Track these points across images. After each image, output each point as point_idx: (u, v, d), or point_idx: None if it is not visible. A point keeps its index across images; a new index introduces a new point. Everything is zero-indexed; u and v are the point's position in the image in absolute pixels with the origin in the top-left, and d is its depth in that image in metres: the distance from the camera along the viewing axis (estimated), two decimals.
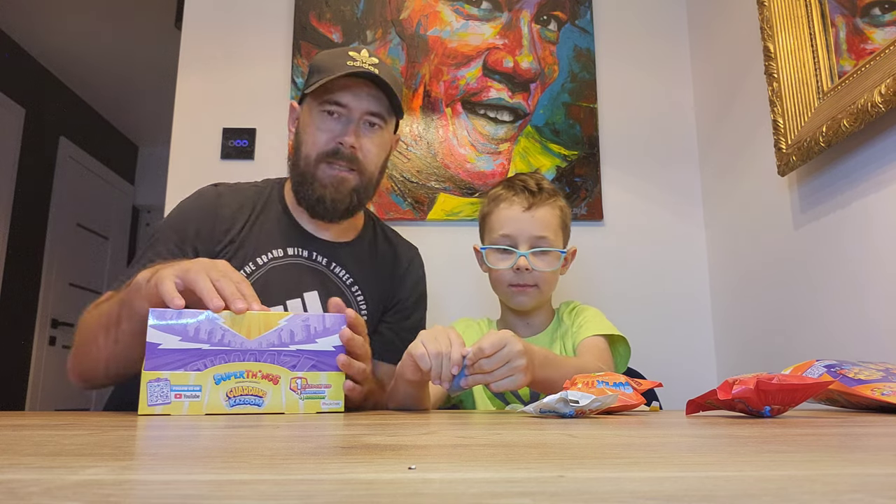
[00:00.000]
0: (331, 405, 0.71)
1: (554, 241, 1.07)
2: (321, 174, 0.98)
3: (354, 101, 0.97)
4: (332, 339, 0.72)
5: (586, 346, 1.05)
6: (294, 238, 1.02)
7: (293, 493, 0.21)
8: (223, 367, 0.67)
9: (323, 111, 0.98)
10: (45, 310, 3.39)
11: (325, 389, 0.70)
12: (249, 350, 0.68)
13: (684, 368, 1.58)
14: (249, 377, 0.68)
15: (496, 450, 0.34)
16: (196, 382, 0.66)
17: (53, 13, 2.98)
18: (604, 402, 0.63)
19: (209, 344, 0.67)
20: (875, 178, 1.03)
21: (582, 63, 1.72)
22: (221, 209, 1.00)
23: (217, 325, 0.68)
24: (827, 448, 0.34)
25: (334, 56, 0.98)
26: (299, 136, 1.01)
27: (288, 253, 1.00)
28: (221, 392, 0.67)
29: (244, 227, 1.00)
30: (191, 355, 0.66)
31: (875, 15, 1.03)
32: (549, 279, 1.08)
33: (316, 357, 0.70)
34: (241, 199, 1.03)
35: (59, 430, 0.45)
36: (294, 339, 0.70)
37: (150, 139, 4.35)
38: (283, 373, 0.69)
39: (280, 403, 0.68)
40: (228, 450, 0.33)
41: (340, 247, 1.05)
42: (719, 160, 1.60)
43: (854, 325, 1.08)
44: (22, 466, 0.26)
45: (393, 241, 1.15)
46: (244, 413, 0.66)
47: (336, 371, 0.71)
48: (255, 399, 0.68)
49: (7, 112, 3.13)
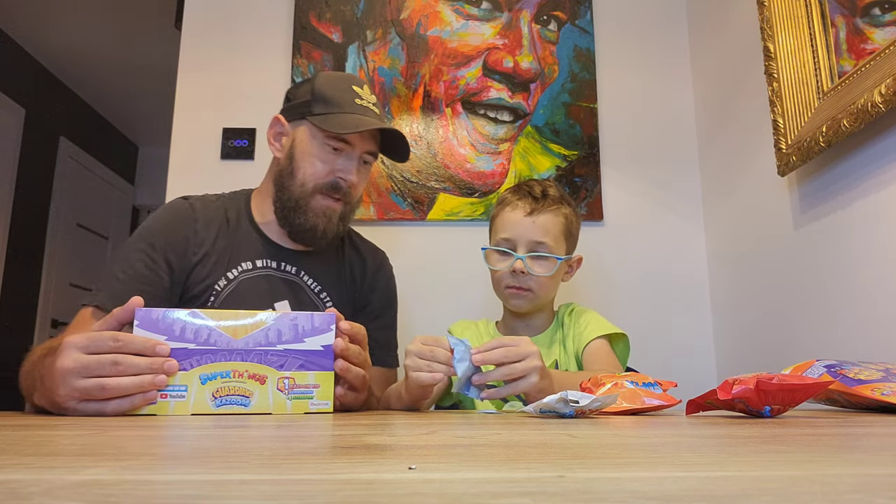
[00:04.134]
0: (319, 406, 0.69)
1: (553, 248, 1.07)
2: (315, 204, 0.99)
3: (359, 142, 1.00)
4: (321, 339, 0.70)
5: (592, 353, 1.06)
6: (263, 250, 1.03)
7: (293, 493, 0.21)
8: (209, 366, 0.66)
9: (325, 143, 0.99)
10: (45, 310, 3.39)
11: (314, 389, 0.69)
12: (236, 349, 0.67)
13: (684, 368, 1.58)
14: (236, 377, 0.67)
15: (496, 450, 0.34)
16: (182, 382, 0.65)
17: (53, 13, 2.98)
18: (604, 403, 0.63)
19: (195, 343, 0.66)
20: (875, 178, 1.03)
21: (582, 63, 1.72)
22: (195, 223, 1.00)
23: (203, 324, 0.67)
24: (827, 448, 0.34)
25: (340, 88, 1.00)
26: (296, 162, 1.00)
27: (257, 265, 1.01)
28: (207, 392, 0.66)
29: (216, 240, 1.00)
30: (176, 355, 0.65)
31: (875, 15, 1.03)
32: (545, 284, 1.08)
33: (304, 357, 0.69)
34: (211, 212, 1.02)
35: (59, 430, 0.45)
36: (281, 338, 0.69)
37: (150, 139, 4.35)
38: (271, 372, 0.68)
39: (267, 404, 0.67)
40: (228, 450, 0.33)
41: (308, 256, 1.06)
42: (719, 160, 1.60)
43: (854, 325, 1.08)
44: (22, 466, 0.26)
45: (359, 247, 1.16)
46: (230, 413, 0.65)
47: (325, 371, 0.70)
48: (242, 399, 0.67)
49: (7, 112, 3.13)
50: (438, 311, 1.58)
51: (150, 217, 1.01)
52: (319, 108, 0.98)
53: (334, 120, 0.96)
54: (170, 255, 0.95)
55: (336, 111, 0.97)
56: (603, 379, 0.77)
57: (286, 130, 1.03)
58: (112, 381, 0.62)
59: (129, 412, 0.63)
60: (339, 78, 1.03)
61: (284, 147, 1.02)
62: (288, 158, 1.01)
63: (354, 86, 1.01)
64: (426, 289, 1.61)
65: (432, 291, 1.61)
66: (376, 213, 1.62)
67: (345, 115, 0.97)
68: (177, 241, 0.96)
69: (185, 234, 0.98)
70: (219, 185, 1.17)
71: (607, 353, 1.07)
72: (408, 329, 1.50)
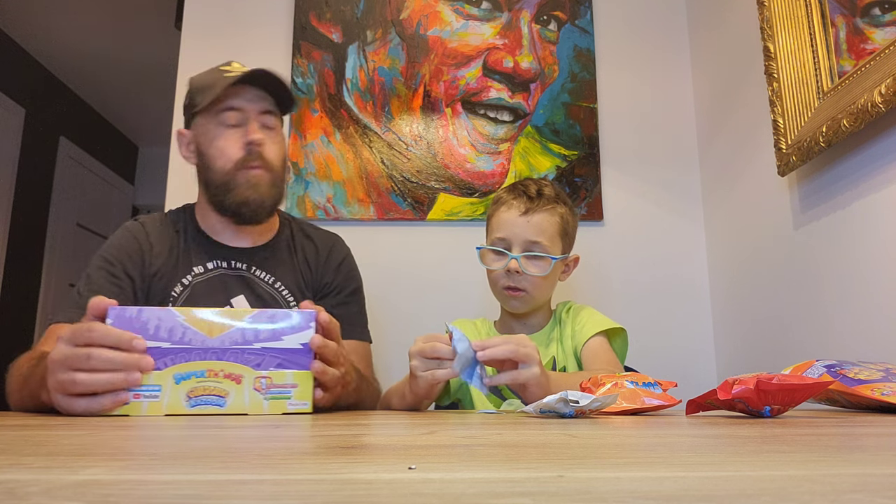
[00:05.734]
0: (297, 406, 0.67)
1: (549, 248, 1.07)
2: (240, 178, 1.01)
3: (246, 103, 1.02)
4: (300, 337, 0.68)
5: (591, 351, 1.06)
6: (212, 253, 1.06)
7: (293, 493, 0.21)
8: (184, 366, 0.65)
9: (220, 123, 1.01)
10: (45, 310, 3.39)
11: (292, 389, 0.67)
12: (211, 348, 0.65)
13: (684, 368, 1.58)
14: (211, 376, 0.65)
15: (496, 450, 0.34)
16: (156, 382, 0.63)
17: (53, 13, 2.98)
18: (604, 403, 0.63)
19: (170, 342, 0.65)
20: (875, 178, 1.03)
21: (582, 63, 1.72)
22: (148, 237, 1.04)
23: (178, 322, 0.65)
24: (827, 448, 0.34)
25: (209, 75, 1.04)
26: (206, 154, 1.03)
27: (209, 268, 1.05)
28: (182, 392, 0.64)
29: (169, 251, 1.04)
30: (151, 354, 0.64)
31: (875, 15, 1.03)
32: (540, 284, 1.08)
33: (282, 355, 0.67)
34: (161, 228, 1.07)
35: (58, 430, 0.45)
36: (259, 336, 0.67)
37: (150, 139, 4.35)
38: (247, 372, 0.66)
39: (243, 404, 0.65)
40: (228, 450, 0.33)
41: (258, 251, 1.09)
42: (719, 160, 1.60)
43: (854, 325, 1.08)
44: (22, 466, 0.26)
45: (310, 234, 1.17)
46: (205, 414, 0.64)
47: (304, 370, 0.68)
48: (217, 399, 0.65)
49: (7, 112, 3.13)
50: (438, 311, 1.58)
51: (107, 240, 1.06)
52: (198, 98, 1.02)
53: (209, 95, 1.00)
54: (129, 269, 1.00)
55: (209, 91, 1.00)
56: (603, 379, 0.77)
57: (189, 137, 1.07)
58: (81, 377, 0.61)
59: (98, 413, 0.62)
60: (208, 70, 1.07)
61: (194, 151, 1.06)
62: (200, 156, 1.05)
63: (221, 66, 1.05)
64: (426, 289, 1.61)
65: (432, 291, 1.61)
66: (376, 213, 1.62)
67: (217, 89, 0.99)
68: (133, 255, 1.01)
69: (140, 248, 1.02)
70: None
71: (606, 350, 1.07)
72: (408, 329, 1.50)
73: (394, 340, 1.46)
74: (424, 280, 1.61)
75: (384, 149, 1.65)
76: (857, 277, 1.07)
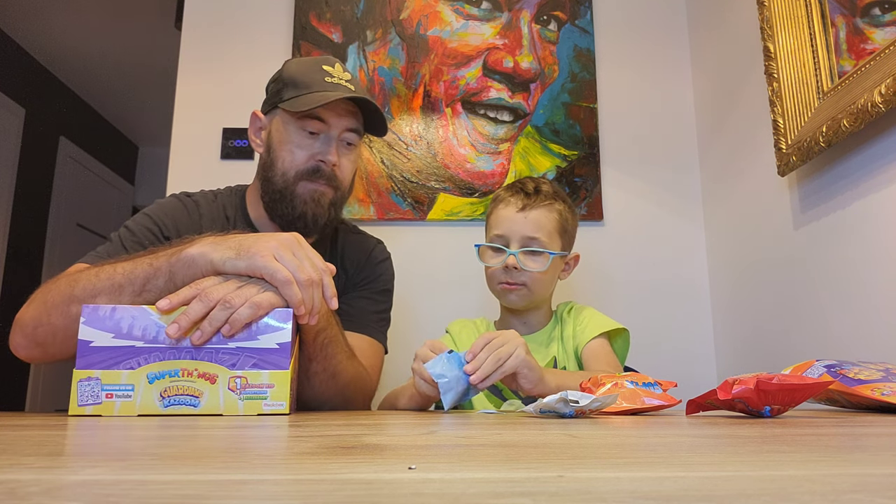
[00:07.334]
0: (274, 407, 0.65)
1: (547, 244, 1.07)
2: (301, 191, 0.96)
3: (335, 119, 0.96)
4: (276, 336, 0.67)
5: (592, 352, 1.06)
6: None
7: (293, 493, 0.21)
8: (157, 365, 0.64)
9: (301, 127, 0.96)
10: None
11: (268, 390, 0.65)
12: (185, 347, 0.64)
13: (684, 368, 1.58)
14: (185, 376, 0.64)
15: (496, 450, 0.34)
16: (128, 381, 0.63)
17: (53, 13, 2.98)
18: (604, 403, 0.63)
19: (143, 341, 0.64)
20: (875, 178, 1.03)
21: (582, 63, 1.72)
22: (201, 219, 0.99)
23: (152, 321, 0.64)
24: (827, 448, 0.34)
25: (309, 70, 0.97)
26: (274, 152, 0.98)
27: None
28: (155, 392, 0.63)
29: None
30: (123, 353, 0.63)
31: (875, 15, 1.03)
32: (539, 280, 1.08)
33: (258, 355, 0.66)
34: (213, 211, 1.02)
35: (59, 430, 0.45)
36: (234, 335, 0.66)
37: (150, 139, 4.35)
38: (222, 372, 0.65)
39: (218, 404, 0.64)
40: (228, 450, 0.33)
41: None
42: (719, 160, 1.60)
43: (854, 325, 1.08)
44: (22, 466, 0.26)
45: (355, 236, 1.14)
46: (179, 414, 0.63)
47: (280, 370, 0.66)
48: (191, 399, 0.64)
49: (7, 112, 3.13)
50: (438, 311, 1.58)
51: (154, 203, 1.01)
52: (289, 92, 0.96)
53: (302, 100, 0.94)
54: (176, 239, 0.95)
55: (304, 92, 0.94)
56: (603, 379, 0.77)
57: (264, 124, 1.02)
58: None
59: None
60: (308, 61, 1.01)
61: (264, 141, 1.01)
62: (268, 150, 1.00)
63: (325, 65, 0.97)
64: (426, 288, 1.61)
65: (432, 291, 1.61)
66: (376, 213, 1.62)
67: (313, 94, 0.94)
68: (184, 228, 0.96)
69: (192, 224, 0.98)
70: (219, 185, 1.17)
71: (607, 352, 1.07)
72: (408, 328, 1.50)
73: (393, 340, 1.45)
74: (424, 280, 1.61)
75: (384, 149, 1.65)
76: (857, 277, 1.07)
